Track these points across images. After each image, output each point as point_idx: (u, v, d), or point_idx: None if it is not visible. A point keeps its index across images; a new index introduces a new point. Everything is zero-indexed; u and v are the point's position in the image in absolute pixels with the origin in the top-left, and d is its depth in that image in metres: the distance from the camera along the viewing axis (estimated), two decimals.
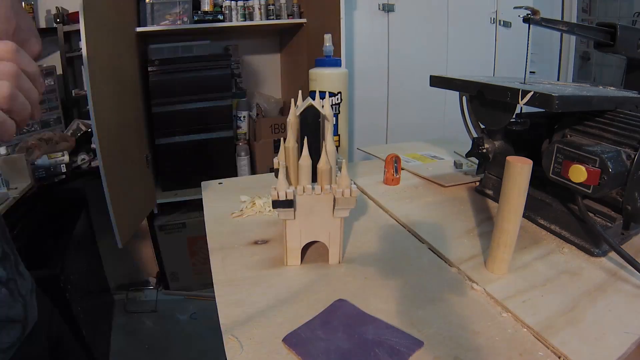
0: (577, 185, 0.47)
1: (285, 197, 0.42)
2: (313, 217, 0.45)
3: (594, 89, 0.61)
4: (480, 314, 0.40)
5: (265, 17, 1.70)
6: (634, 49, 0.62)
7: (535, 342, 0.36)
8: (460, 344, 0.36)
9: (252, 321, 0.39)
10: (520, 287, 0.44)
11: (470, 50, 2.15)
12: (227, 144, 1.68)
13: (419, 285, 0.44)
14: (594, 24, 0.61)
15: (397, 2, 1.93)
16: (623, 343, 0.36)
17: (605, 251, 0.50)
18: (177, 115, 1.58)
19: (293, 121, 0.44)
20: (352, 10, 1.87)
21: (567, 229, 0.53)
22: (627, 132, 0.48)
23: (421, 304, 0.41)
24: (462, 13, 2.06)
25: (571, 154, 0.48)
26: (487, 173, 0.67)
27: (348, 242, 0.53)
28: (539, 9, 0.55)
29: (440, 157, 0.88)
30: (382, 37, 1.95)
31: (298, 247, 0.47)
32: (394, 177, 0.72)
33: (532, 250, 0.51)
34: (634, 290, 0.43)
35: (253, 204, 0.63)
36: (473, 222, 0.59)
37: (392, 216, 0.61)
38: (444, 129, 2.17)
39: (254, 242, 0.53)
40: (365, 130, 2.04)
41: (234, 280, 0.45)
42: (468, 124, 0.68)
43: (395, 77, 2.02)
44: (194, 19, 1.61)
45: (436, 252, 0.51)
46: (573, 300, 0.41)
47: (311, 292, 0.43)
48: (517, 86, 0.51)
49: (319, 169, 0.42)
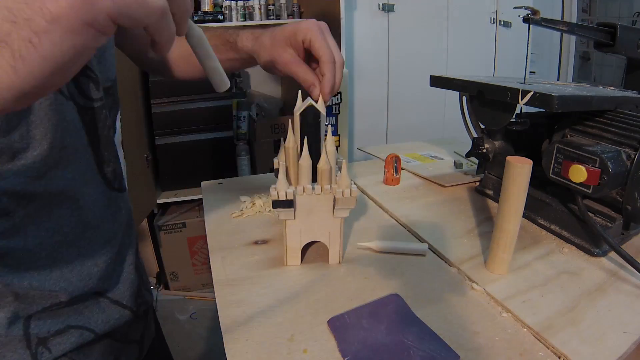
0: (577, 185, 0.47)
1: (285, 197, 0.42)
2: (313, 217, 0.45)
3: (594, 89, 0.61)
4: (480, 314, 0.40)
5: (265, 17, 1.70)
6: (634, 49, 0.62)
7: (535, 342, 0.36)
8: (460, 344, 0.36)
9: (252, 321, 0.39)
10: (520, 287, 0.44)
11: (470, 50, 2.15)
12: (227, 144, 1.68)
13: (419, 285, 0.44)
14: (594, 24, 0.61)
15: (397, 2, 1.93)
16: (623, 343, 0.36)
17: (605, 251, 0.50)
18: (177, 115, 1.58)
19: (296, 116, 0.44)
20: (352, 10, 1.87)
21: (567, 229, 0.53)
22: (627, 132, 0.48)
23: (421, 304, 0.41)
24: (462, 13, 2.06)
25: (571, 154, 0.48)
26: (487, 173, 0.67)
27: (348, 242, 0.53)
28: (539, 9, 0.55)
29: (440, 157, 0.88)
30: (382, 37, 1.95)
31: (298, 247, 0.47)
32: (394, 177, 0.72)
33: (532, 250, 0.51)
34: (634, 290, 0.43)
35: (253, 204, 0.63)
36: (473, 222, 0.59)
37: (392, 216, 0.61)
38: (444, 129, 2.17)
39: (254, 242, 0.53)
40: (365, 131, 2.05)
41: (234, 280, 0.45)
42: (468, 124, 0.68)
43: (395, 77, 2.02)
44: (194, 19, 1.61)
45: (436, 252, 0.51)
46: (573, 300, 0.41)
47: (311, 292, 0.43)
48: (517, 86, 0.51)
49: (319, 169, 0.42)
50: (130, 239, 0.48)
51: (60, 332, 0.40)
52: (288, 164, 0.44)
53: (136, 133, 1.47)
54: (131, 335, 0.48)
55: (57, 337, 0.39)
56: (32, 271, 0.37)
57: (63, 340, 0.40)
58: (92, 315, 0.42)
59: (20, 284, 0.36)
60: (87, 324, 0.42)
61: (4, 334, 0.36)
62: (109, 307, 0.44)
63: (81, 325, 0.41)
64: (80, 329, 0.41)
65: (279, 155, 0.47)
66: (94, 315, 0.43)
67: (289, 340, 0.36)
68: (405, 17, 1.96)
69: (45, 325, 0.39)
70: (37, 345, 0.38)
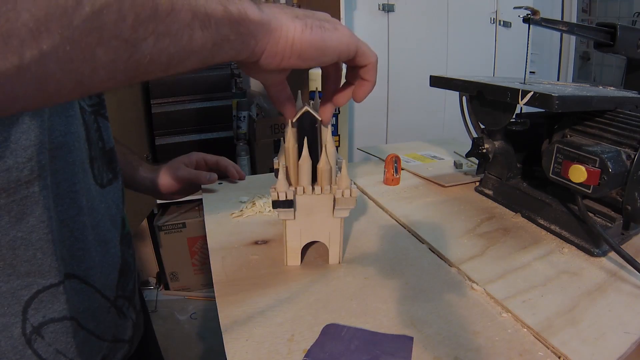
0: (577, 185, 0.47)
1: (285, 198, 0.42)
2: (313, 217, 0.45)
3: (594, 89, 0.61)
4: (480, 314, 0.40)
5: None
6: (634, 49, 0.62)
7: (535, 342, 0.36)
8: (460, 344, 0.36)
9: (252, 321, 0.39)
10: (520, 287, 0.44)
11: (470, 50, 2.15)
12: (227, 144, 1.68)
13: (419, 285, 0.44)
14: (594, 24, 0.61)
15: (397, 2, 1.93)
16: (623, 343, 0.36)
17: (605, 251, 0.50)
18: (177, 115, 1.58)
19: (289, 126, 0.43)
20: (352, 10, 1.87)
21: (567, 229, 0.53)
22: (627, 132, 0.48)
23: (421, 304, 0.41)
24: (462, 13, 2.06)
25: (571, 154, 0.48)
26: (487, 173, 0.67)
27: (348, 242, 0.53)
28: (539, 9, 0.55)
29: (440, 157, 0.88)
30: (382, 37, 1.95)
31: (298, 247, 0.47)
32: (394, 177, 0.72)
33: (532, 250, 0.51)
34: (634, 290, 0.43)
35: (253, 204, 0.63)
36: (473, 222, 0.59)
37: (392, 216, 0.61)
38: (444, 129, 2.17)
39: (254, 242, 0.53)
40: (365, 131, 2.05)
41: (234, 280, 0.45)
42: (468, 124, 0.68)
43: (395, 77, 2.02)
44: None
45: (436, 252, 0.51)
46: (573, 300, 0.41)
47: (311, 292, 0.43)
48: (517, 86, 0.51)
49: (319, 169, 0.42)
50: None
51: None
52: (288, 164, 0.44)
53: (136, 133, 1.47)
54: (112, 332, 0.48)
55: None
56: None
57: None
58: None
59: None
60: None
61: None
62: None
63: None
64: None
65: (279, 155, 0.47)
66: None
67: (289, 340, 0.36)
68: (405, 17, 1.96)
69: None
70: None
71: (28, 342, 0.36)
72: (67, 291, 0.38)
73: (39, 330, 0.36)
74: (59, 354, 0.38)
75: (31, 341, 0.36)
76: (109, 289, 0.44)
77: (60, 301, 0.37)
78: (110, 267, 0.44)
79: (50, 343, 0.37)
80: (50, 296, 0.36)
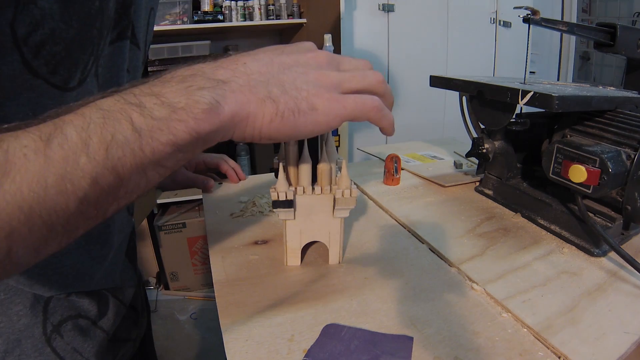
0: (577, 185, 0.47)
1: (285, 198, 0.42)
2: (313, 218, 0.45)
3: (594, 89, 0.61)
4: (480, 314, 0.40)
5: (265, 17, 1.70)
6: (634, 49, 0.62)
7: (535, 342, 0.36)
8: (460, 344, 0.36)
9: (252, 321, 0.39)
10: (520, 287, 0.44)
11: (470, 50, 2.15)
12: (227, 143, 1.68)
13: (419, 285, 0.44)
14: (594, 24, 0.61)
15: (397, 2, 1.93)
16: (623, 343, 0.36)
17: (605, 251, 0.50)
18: None
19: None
20: (352, 10, 1.87)
21: (567, 229, 0.53)
22: (627, 132, 0.48)
23: (421, 304, 0.41)
24: (462, 13, 2.06)
25: (571, 154, 0.48)
26: (487, 173, 0.67)
27: (348, 242, 0.53)
28: (538, 9, 0.55)
29: (440, 157, 0.88)
30: (382, 37, 1.95)
31: (298, 247, 0.47)
32: (394, 177, 0.72)
33: (532, 250, 0.51)
34: (634, 290, 0.43)
35: (253, 204, 0.63)
36: (473, 222, 0.59)
37: (392, 216, 0.61)
38: (444, 129, 2.17)
39: (254, 242, 0.53)
40: (365, 130, 2.05)
41: (234, 280, 0.45)
42: (468, 124, 0.68)
43: (395, 77, 2.02)
44: (194, 19, 1.61)
45: (436, 252, 0.51)
46: (573, 300, 0.41)
47: (311, 292, 0.43)
48: (517, 86, 0.51)
49: (319, 169, 0.42)
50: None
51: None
52: (288, 164, 0.44)
53: None
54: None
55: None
56: None
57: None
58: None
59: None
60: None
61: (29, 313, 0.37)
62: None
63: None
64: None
65: (279, 155, 0.47)
66: None
67: (289, 340, 0.36)
68: (405, 17, 1.96)
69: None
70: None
71: (48, 341, 0.37)
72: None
73: (58, 329, 0.37)
74: (76, 352, 0.39)
75: (51, 340, 0.37)
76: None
77: (75, 298, 0.39)
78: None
79: (68, 342, 0.38)
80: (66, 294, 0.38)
